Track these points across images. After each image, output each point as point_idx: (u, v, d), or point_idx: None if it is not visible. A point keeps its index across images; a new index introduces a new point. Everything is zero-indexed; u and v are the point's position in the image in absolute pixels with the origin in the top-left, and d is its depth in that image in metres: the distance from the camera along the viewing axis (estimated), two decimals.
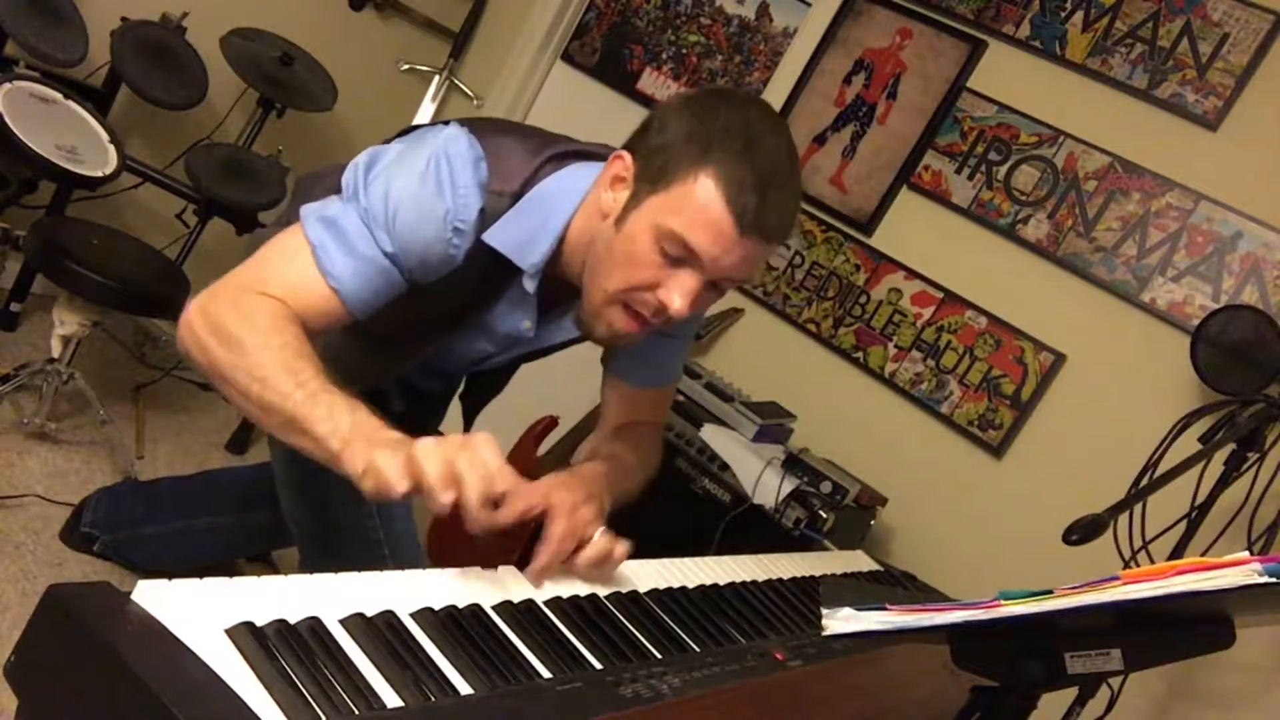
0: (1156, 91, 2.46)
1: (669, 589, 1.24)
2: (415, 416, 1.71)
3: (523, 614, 1.00)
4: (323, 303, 1.18)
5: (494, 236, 1.24)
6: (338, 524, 1.42)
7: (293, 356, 1.09)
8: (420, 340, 1.44)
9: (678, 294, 1.18)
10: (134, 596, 0.76)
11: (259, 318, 1.12)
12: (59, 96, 2.28)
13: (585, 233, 1.26)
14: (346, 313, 1.21)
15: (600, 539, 1.16)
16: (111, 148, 2.34)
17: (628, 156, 1.21)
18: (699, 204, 1.14)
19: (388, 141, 1.33)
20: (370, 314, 1.24)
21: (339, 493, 1.40)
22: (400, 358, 1.48)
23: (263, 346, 1.09)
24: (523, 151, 1.27)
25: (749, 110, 1.20)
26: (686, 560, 1.36)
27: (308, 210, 1.21)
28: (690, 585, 1.29)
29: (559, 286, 1.31)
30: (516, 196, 1.25)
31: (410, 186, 1.19)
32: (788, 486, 2.26)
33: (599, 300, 1.24)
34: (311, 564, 1.51)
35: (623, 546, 1.18)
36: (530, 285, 1.28)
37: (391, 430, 1.06)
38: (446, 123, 1.28)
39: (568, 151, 1.31)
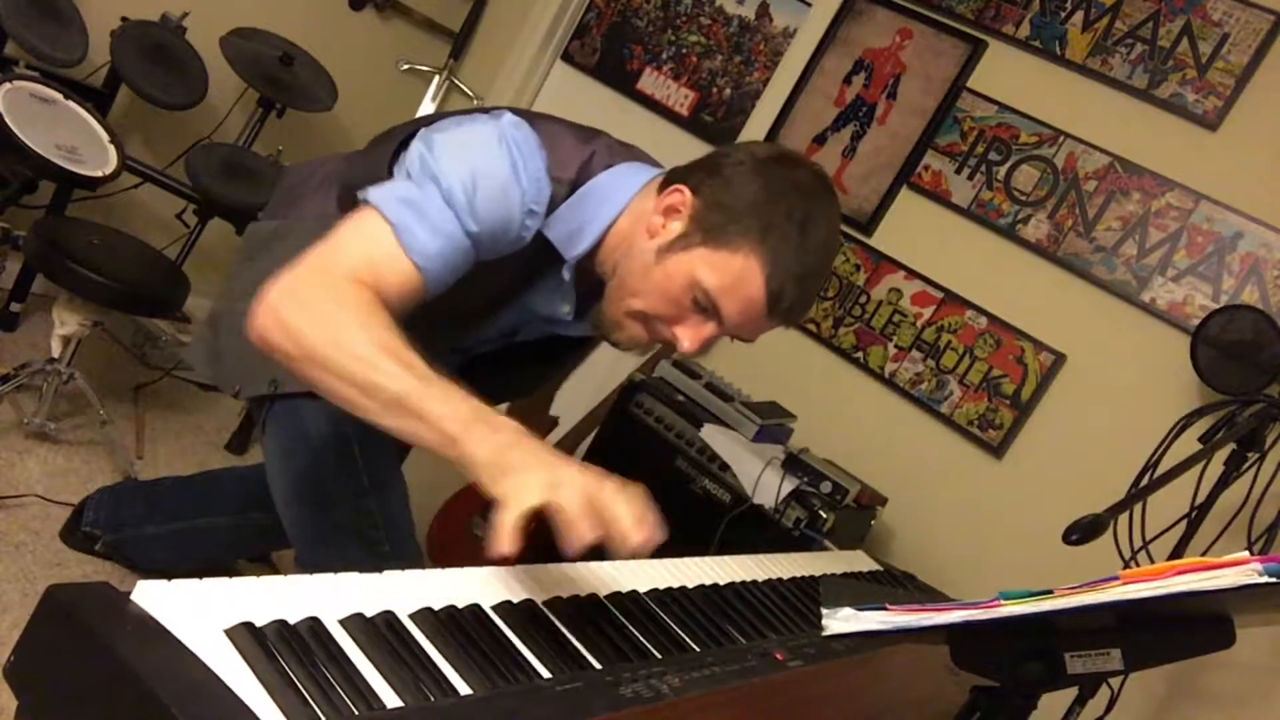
0: (1156, 91, 2.46)
1: (669, 589, 1.24)
2: None
3: (523, 614, 1.00)
4: (405, 282, 1.17)
5: (550, 225, 1.28)
6: (338, 523, 1.41)
7: (395, 338, 1.07)
8: (459, 323, 1.45)
9: (690, 338, 1.25)
10: (134, 596, 0.76)
11: (352, 300, 1.10)
12: (59, 96, 2.27)
13: (624, 238, 1.29)
14: (425, 292, 1.21)
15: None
16: (111, 148, 2.33)
17: (688, 193, 1.24)
18: (741, 279, 1.20)
19: (410, 127, 1.34)
20: (440, 293, 1.24)
21: (339, 491, 1.40)
22: (437, 340, 1.49)
23: (364, 327, 1.07)
24: (573, 140, 1.32)
25: (815, 194, 1.23)
26: (686, 560, 1.36)
27: (381, 194, 1.20)
28: (690, 585, 1.29)
29: (586, 278, 1.35)
30: (572, 185, 1.28)
31: (487, 169, 1.21)
32: (788, 486, 2.26)
33: (622, 312, 1.29)
34: (309, 565, 1.50)
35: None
36: (567, 274, 1.32)
37: (510, 419, 1.04)
38: (486, 110, 1.31)
39: (614, 145, 1.36)
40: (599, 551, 1.10)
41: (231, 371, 1.46)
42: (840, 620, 1.17)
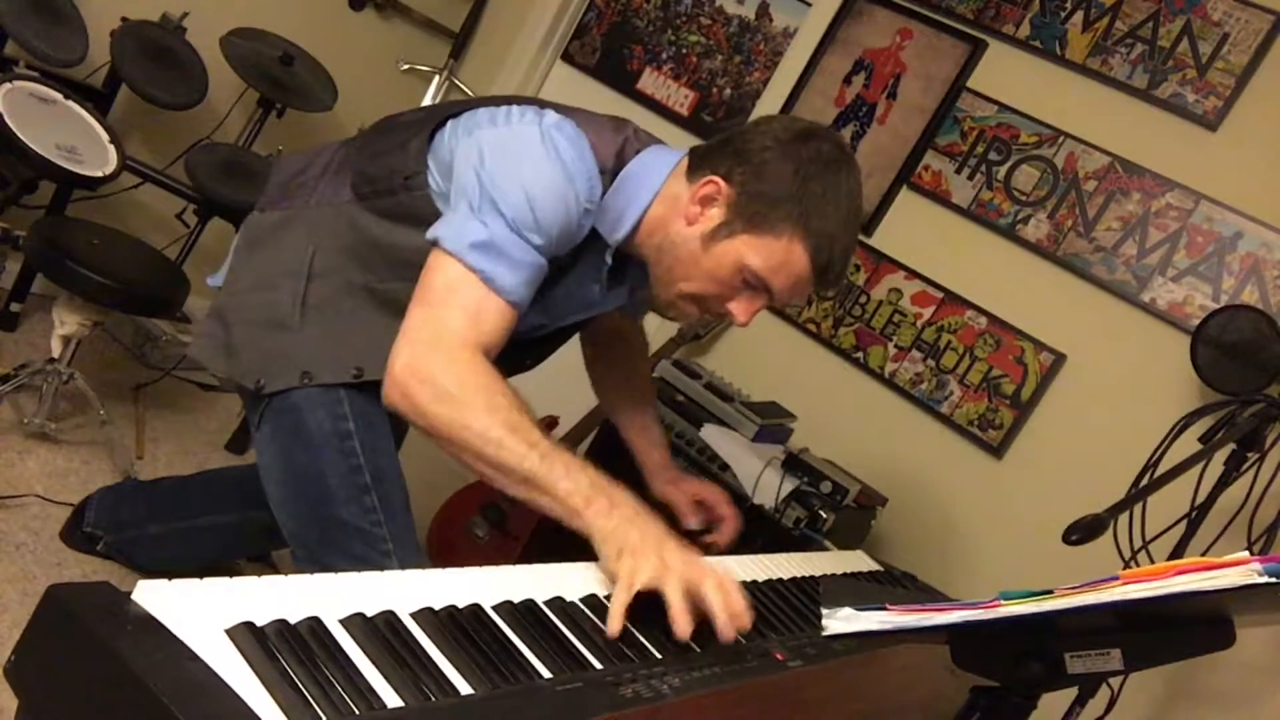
0: (1156, 91, 2.46)
1: None
2: None
3: (523, 614, 1.00)
4: (505, 321, 1.25)
5: (595, 215, 1.34)
6: (340, 520, 1.41)
7: (517, 415, 1.17)
8: None
9: (743, 312, 1.35)
10: (134, 596, 0.76)
11: (471, 377, 1.18)
12: (59, 96, 2.27)
13: (661, 222, 1.35)
14: (518, 316, 1.28)
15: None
16: (111, 148, 2.33)
17: (723, 184, 1.30)
18: (788, 259, 1.29)
19: (438, 123, 1.36)
20: None
21: (341, 488, 1.40)
22: None
23: (486, 408, 1.16)
24: (609, 130, 1.37)
25: (840, 164, 1.30)
26: None
27: (453, 242, 1.23)
28: None
29: (619, 256, 1.41)
30: (613, 174, 1.34)
31: (542, 179, 1.26)
32: (788, 486, 2.26)
33: (674, 294, 1.38)
34: (309, 563, 1.50)
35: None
36: (610, 258, 1.39)
37: (623, 490, 1.15)
38: (514, 100, 1.35)
39: (639, 130, 1.41)
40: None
41: (250, 364, 1.45)
42: (840, 620, 1.17)
